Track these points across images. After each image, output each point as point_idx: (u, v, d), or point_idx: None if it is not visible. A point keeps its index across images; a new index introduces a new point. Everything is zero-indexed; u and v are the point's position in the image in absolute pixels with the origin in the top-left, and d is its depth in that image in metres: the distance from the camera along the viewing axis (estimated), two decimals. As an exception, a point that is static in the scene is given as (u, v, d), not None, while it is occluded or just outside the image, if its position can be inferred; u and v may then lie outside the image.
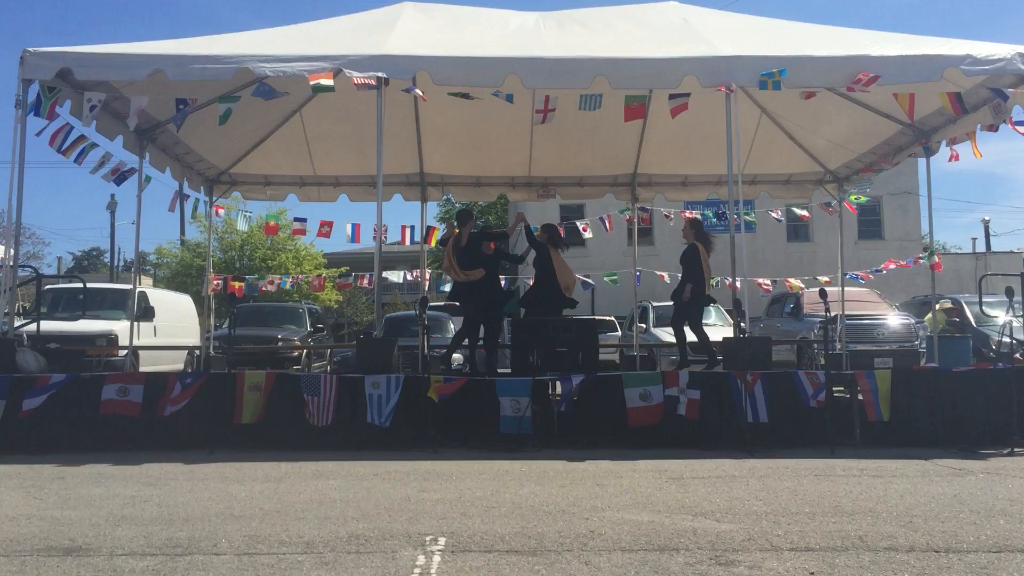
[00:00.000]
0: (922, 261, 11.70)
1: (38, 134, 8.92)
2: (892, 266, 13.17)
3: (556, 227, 11.36)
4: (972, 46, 8.83)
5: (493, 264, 10.63)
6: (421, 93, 8.78)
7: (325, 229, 13.55)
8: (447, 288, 12.02)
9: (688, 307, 10.49)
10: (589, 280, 14.02)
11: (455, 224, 10.97)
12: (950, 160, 10.43)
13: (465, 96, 8.89)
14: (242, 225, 18.13)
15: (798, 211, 14.34)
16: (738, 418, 7.73)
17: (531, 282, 11.42)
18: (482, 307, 10.35)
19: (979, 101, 9.65)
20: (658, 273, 15.08)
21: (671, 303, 11.16)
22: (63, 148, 9.16)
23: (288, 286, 14.51)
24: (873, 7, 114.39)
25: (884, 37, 9.58)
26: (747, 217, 13.18)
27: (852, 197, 13.45)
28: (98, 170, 9.83)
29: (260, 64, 8.52)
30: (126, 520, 4.86)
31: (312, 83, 8.37)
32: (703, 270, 10.36)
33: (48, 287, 14.72)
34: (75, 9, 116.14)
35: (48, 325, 11.40)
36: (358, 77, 8.51)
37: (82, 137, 9.39)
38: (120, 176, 10.22)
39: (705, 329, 10.63)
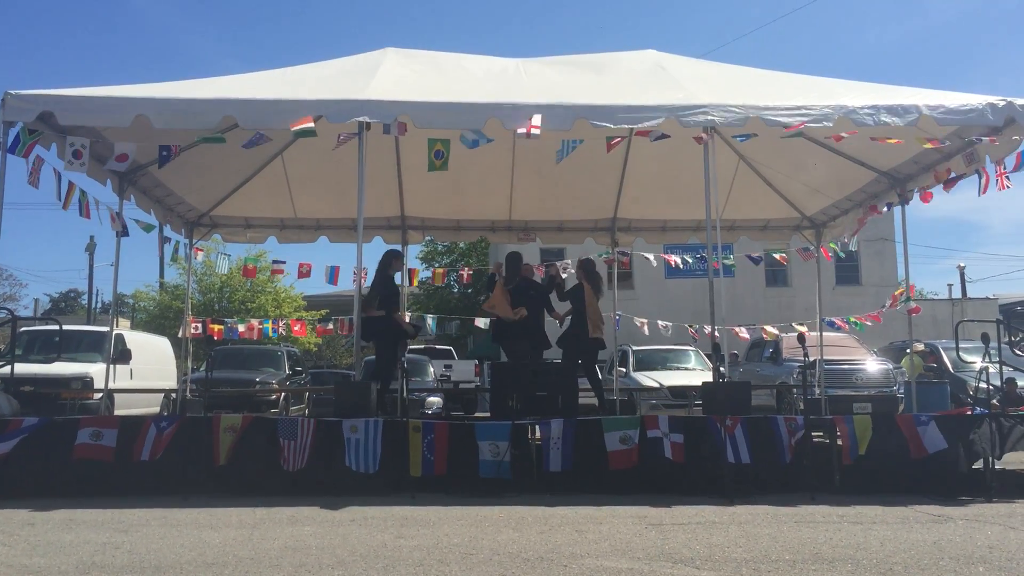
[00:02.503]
0: (900, 303, 11.78)
1: (38, 187, 8.87)
2: (869, 322, 13.24)
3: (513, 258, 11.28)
4: (944, 96, 9.00)
5: (537, 308, 10.95)
6: (402, 127, 8.83)
7: (304, 269, 13.57)
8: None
9: (575, 350, 10.66)
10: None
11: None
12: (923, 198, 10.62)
13: (444, 157, 8.96)
14: (222, 268, 17.98)
15: (776, 255, 14.46)
16: (720, 461, 7.68)
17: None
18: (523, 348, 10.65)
19: (952, 150, 9.83)
20: (637, 321, 15.14)
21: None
22: (61, 199, 9.15)
23: (271, 333, 14.46)
24: (845, 57, 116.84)
25: (857, 86, 9.74)
26: (726, 261, 13.28)
27: (832, 245, 13.58)
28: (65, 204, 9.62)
29: (244, 112, 8.58)
30: (96, 568, 4.76)
31: (294, 129, 8.41)
32: (586, 310, 10.45)
33: (24, 329, 14.57)
34: (56, 51, 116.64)
35: (23, 367, 11.24)
36: (343, 135, 8.65)
37: (72, 185, 9.36)
38: (123, 228, 10.43)
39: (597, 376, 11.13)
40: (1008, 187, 8.89)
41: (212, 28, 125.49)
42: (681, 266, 15.04)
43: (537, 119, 8.50)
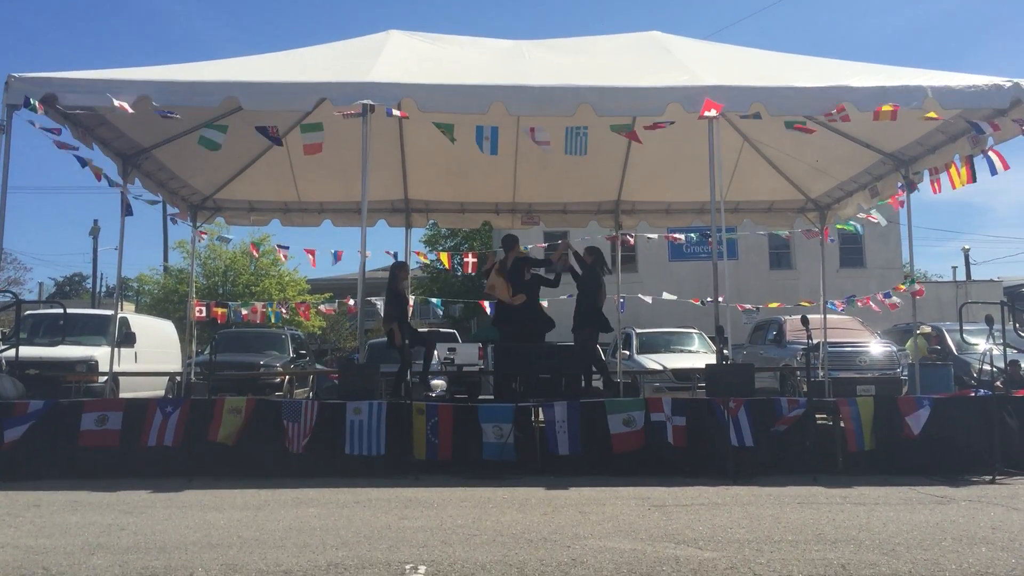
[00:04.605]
0: (903, 289, 11.75)
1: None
2: (872, 304, 13.17)
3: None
4: (950, 77, 8.94)
5: (534, 290, 10.98)
6: (402, 112, 8.79)
7: (309, 257, 13.58)
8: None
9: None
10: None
11: (499, 251, 11.33)
12: (934, 192, 10.52)
13: (449, 134, 8.91)
14: (228, 241, 17.99)
15: (781, 234, 14.44)
16: (723, 443, 7.68)
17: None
18: (524, 333, 10.56)
19: (957, 132, 9.76)
20: (642, 297, 15.10)
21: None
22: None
23: (273, 318, 14.48)
24: (853, 40, 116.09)
25: (864, 68, 9.68)
26: (730, 235, 13.21)
27: (839, 226, 13.50)
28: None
29: (248, 94, 8.56)
30: (101, 549, 4.79)
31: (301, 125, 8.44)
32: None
33: (28, 312, 14.61)
34: (60, 35, 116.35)
35: (28, 351, 11.28)
36: (344, 109, 8.60)
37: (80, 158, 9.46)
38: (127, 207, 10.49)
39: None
40: None
41: (216, 13, 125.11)
42: (684, 242, 14.99)
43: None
